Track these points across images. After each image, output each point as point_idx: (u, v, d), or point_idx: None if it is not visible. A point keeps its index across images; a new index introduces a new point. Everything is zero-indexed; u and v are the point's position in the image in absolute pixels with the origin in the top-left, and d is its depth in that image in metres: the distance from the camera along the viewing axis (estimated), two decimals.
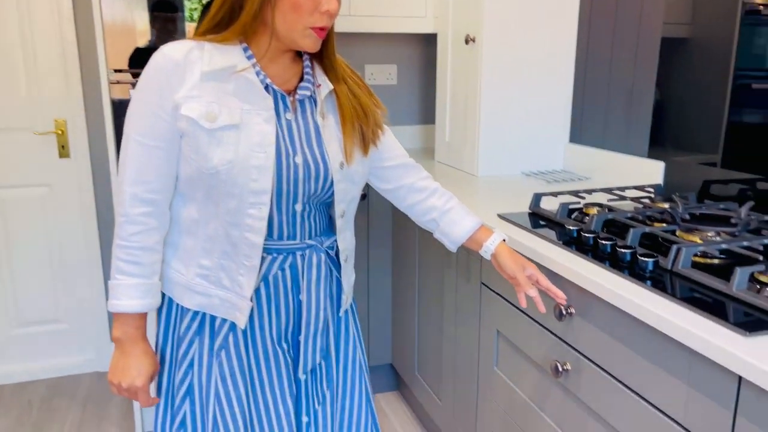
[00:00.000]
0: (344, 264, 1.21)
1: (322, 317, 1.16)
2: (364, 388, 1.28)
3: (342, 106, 1.13)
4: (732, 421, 0.88)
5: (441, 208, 1.28)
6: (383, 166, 1.26)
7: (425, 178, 1.30)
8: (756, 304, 0.96)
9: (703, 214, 1.34)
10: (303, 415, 1.19)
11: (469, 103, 2.10)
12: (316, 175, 1.09)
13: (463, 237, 1.27)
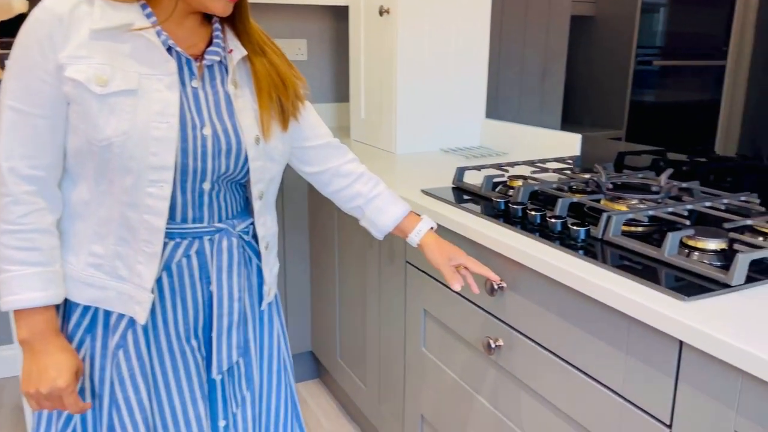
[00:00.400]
0: (265, 252, 1.10)
1: (237, 310, 1.05)
2: (288, 388, 1.18)
3: (257, 74, 1.02)
4: (674, 387, 0.86)
5: (367, 194, 1.20)
6: (305, 146, 1.16)
7: (351, 161, 1.21)
8: (688, 269, 0.96)
9: (624, 183, 1.34)
10: (220, 419, 1.08)
11: (384, 78, 2.03)
12: (228, 150, 0.98)
13: (390, 225, 1.20)
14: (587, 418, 1.02)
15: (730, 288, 0.89)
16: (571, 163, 1.63)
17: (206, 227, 1.01)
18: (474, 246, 1.26)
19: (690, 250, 1.02)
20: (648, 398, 0.91)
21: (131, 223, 0.94)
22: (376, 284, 1.71)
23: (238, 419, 1.09)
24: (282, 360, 1.17)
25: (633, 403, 0.94)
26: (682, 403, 0.85)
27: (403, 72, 1.97)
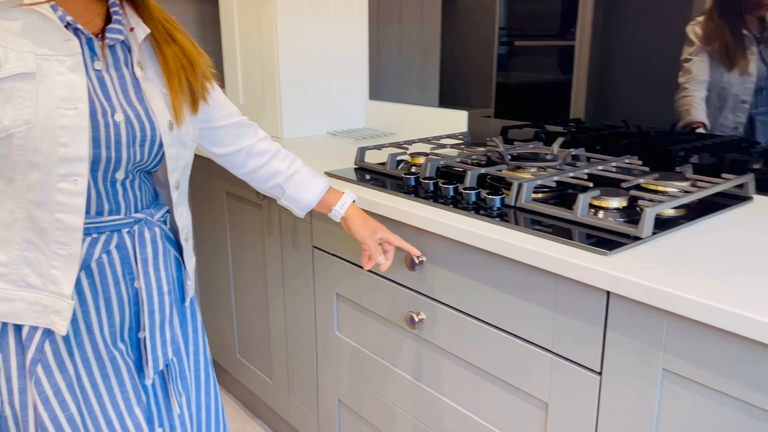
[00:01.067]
0: (185, 244, 1.03)
1: (168, 304, 0.97)
2: (214, 383, 1.12)
3: (165, 56, 0.94)
4: (602, 336, 0.93)
5: (286, 172, 1.16)
6: (216, 127, 1.09)
7: (264, 139, 1.16)
8: (601, 226, 1.03)
9: (520, 154, 1.41)
10: (156, 427, 0.99)
11: (266, 63, 1.96)
12: (142, 138, 0.89)
13: (313, 201, 1.18)
14: (519, 377, 1.07)
15: (641, 240, 0.97)
16: (462, 138, 1.69)
17: (124, 219, 0.92)
18: (390, 223, 1.26)
19: (596, 210, 1.10)
20: (578, 350, 0.97)
21: (40, 224, 0.83)
22: (279, 273, 1.66)
23: (176, 422, 1.01)
24: (207, 357, 1.10)
25: (563, 357, 0.99)
26: (611, 350, 0.92)
27: (285, 56, 1.91)
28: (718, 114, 1.33)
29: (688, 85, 1.35)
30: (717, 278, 0.83)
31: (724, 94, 1.30)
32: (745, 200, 1.19)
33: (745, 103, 1.28)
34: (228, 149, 1.11)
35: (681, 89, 1.36)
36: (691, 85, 1.34)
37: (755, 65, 1.26)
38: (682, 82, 1.36)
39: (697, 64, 1.33)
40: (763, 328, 0.72)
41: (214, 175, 1.86)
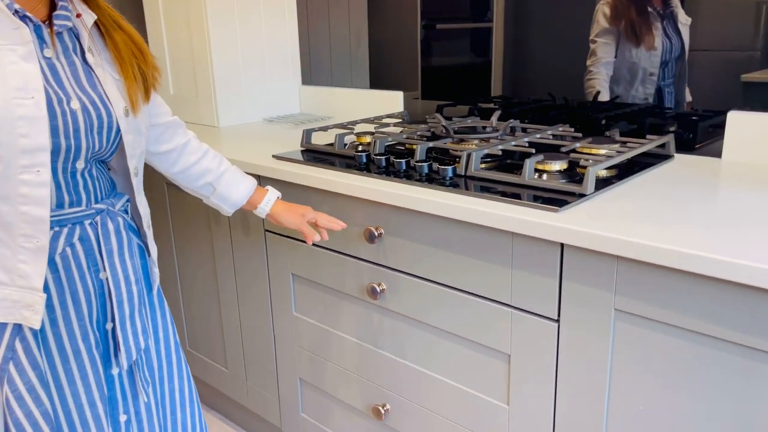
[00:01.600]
0: (148, 231, 1.03)
1: (137, 293, 0.97)
2: (186, 368, 1.13)
3: (115, 42, 0.94)
4: (558, 286, 1.01)
5: (216, 170, 1.20)
6: (157, 123, 1.10)
7: (194, 138, 1.19)
8: (547, 187, 1.11)
9: (461, 128, 1.48)
10: (120, 414, 0.99)
11: (197, 53, 1.94)
12: (100, 125, 0.89)
13: (243, 199, 1.23)
14: (481, 334, 1.14)
15: (586, 196, 1.06)
16: (402, 117, 1.74)
17: (86, 210, 0.91)
18: (346, 200, 1.30)
19: (540, 173, 1.18)
20: (536, 302, 1.05)
21: (4, 218, 0.81)
22: (229, 261, 1.66)
23: (141, 408, 1.01)
24: (177, 342, 1.10)
25: (523, 309, 1.07)
26: (567, 298, 1.00)
27: (216, 46, 1.90)
28: (630, 87, 1.45)
29: (593, 68, 1.47)
30: (657, 224, 0.93)
31: (633, 68, 1.43)
32: (667, 158, 1.31)
33: (653, 75, 1.41)
34: (165, 147, 1.13)
35: (587, 72, 1.48)
36: (596, 67, 1.46)
37: (660, 40, 1.38)
38: (588, 64, 1.48)
39: (601, 46, 1.45)
40: (702, 261, 0.82)
41: (151, 168, 1.82)
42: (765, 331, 0.81)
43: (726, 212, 0.97)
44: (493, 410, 1.16)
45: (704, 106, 1.34)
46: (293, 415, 1.63)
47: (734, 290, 0.83)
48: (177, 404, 1.09)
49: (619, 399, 0.99)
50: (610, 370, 0.98)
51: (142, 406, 1.02)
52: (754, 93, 1.27)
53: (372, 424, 1.43)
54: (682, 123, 1.37)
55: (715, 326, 0.85)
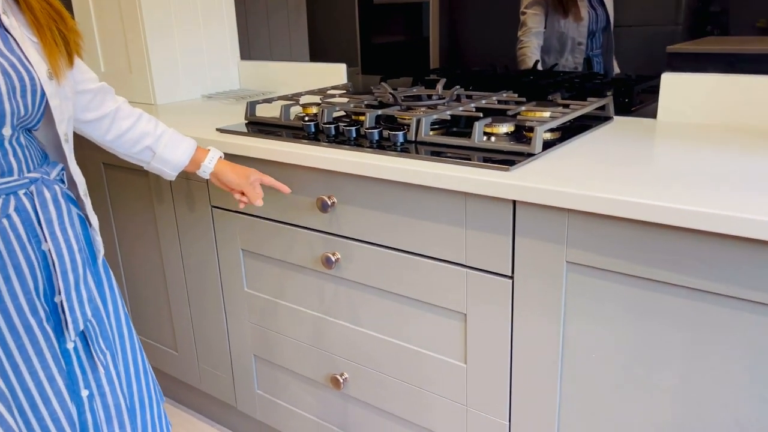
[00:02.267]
0: (86, 199, 0.99)
1: (80, 262, 0.93)
2: (137, 339, 1.10)
3: (31, 7, 0.90)
4: (511, 243, 1.04)
5: (153, 133, 1.16)
6: (84, 90, 1.06)
7: (126, 103, 1.15)
8: (496, 148, 1.13)
9: (408, 96, 1.48)
10: (82, 389, 0.96)
11: (128, 29, 1.86)
12: (22, 87, 0.85)
13: (185, 159, 1.19)
14: (437, 295, 1.16)
15: (534, 156, 1.09)
16: (346, 89, 1.73)
17: (18, 180, 0.87)
18: (297, 169, 1.29)
19: (489, 136, 1.21)
20: (490, 260, 1.07)
21: None
22: (175, 240, 1.62)
23: (103, 381, 0.98)
24: (126, 313, 1.07)
25: (477, 268, 1.10)
26: (520, 254, 1.03)
27: (150, 22, 1.83)
28: (560, 56, 1.49)
29: (524, 38, 1.51)
30: (603, 178, 0.96)
31: (563, 38, 1.47)
32: (607, 120, 1.36)
33: (582, 45, 1.46)
34: (95, 114, 1.09)
35: (518, 42, 1.52)
36: (526, 37, 1.50)
37: (586, 11, 1.43)
38: (519, 35, 1.52)
39: (531, 17, 1.49)
40: (648, 209, 0.86)
41: (86, 147, 1.75)
42: (710, 273, 0.86)
43: (665, 166, 1.02)
44: (452, 370, 1.19)
45: (635, 74, 1.40)
46: (249, 392, 1.62)
47: (679, 236, 0.87)
48: (132, 377, 1.06)
49: (572, 349, 1.03)
50: (564, 322, 1.02)
51: (103, 379, 0.99)
52: (679, 63, 1.34)
53: (330, 394, 1.43)
54: (618, 88, 1.42)
55: (663, 271, 0.89)
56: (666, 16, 1.34)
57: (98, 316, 1.00)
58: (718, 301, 0.87)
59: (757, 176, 0.94)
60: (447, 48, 1.66)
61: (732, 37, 1.28)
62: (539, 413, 1.09)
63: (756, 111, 1.25)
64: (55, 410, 0.91)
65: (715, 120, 1.30)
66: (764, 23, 1.24)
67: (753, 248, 0.82)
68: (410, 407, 1.28)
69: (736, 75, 1.26)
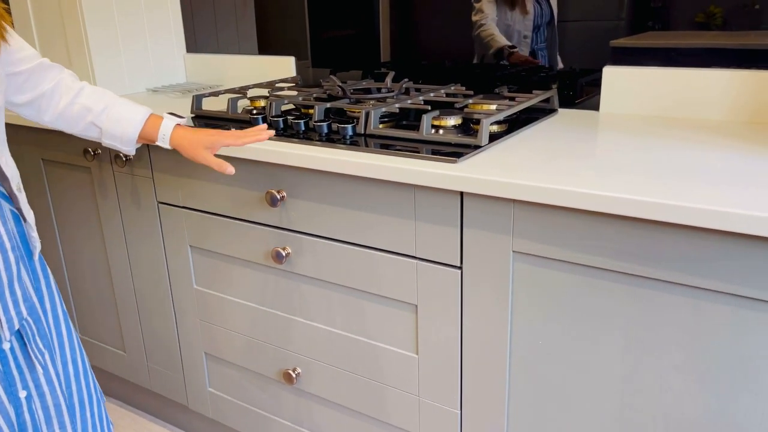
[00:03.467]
0: (19, 194, 0.96)
1: (13, 260, 0.90)
2: (76, 337, 1.07)
3: None
4: (460, 234, 1.05)
5: (95, 108, 1.09)
6: (17, 72, 1.01)
7: (70, 76, 1.09)
8: (444, 141, 1.14)
9: (357, 89, 1.48)
10: (19, 390, 0.92)
11: (67, 21, 1.79)
12: None
13: (135, 132, 1.11)
14: (388, 287, 1.16)
15: (481, 148, 1.10)
16: (295, 82, 1.72)
17: None
18: (244, 163, 1.27)
19: (437, 129, 1.21)
20: (439, 251, 1.08)
21: None
22: (120, 237, 1.58)
23: (41, 382, 0.95)
24: (64, 310, 1.04)
25: (427, 260, 1.11)
26: (468, 245, 1.04)
27: (90, 14, 1.77)
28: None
29: (483, 21, 1.52)
30: (548, 168, 0.99)
31: (509, 30, 1.50)
32: (552, 112, 1.39)
33: (527, 38, 1.48)
34: (29, 95, 1.04)
35: (477, 26, 1.53)
36: (486, 20, 1.52)
37: (531, 5, 1.46)
38: (477, 20, 1.53)
39: (486, 4, 1.51)
40: (592, 199, 0.88)
41: (23, 143, 1.68)
42: (651, 260, 0.89)
43: (607, 157, 1.05)
44: (403, 361, 1.20)
45: (579, 68, 1.43)
46: (200, 390, 1.59)
47: (621, 224, 0.90)
48: (71, 376, 1.03)
49: (520, 336, 1.05)
50: (511, 310, 1.04)
51: (41, 379, 0.96)
52: (622, 56, 1.38)
53: (283, 390, 1.42)
54: (562, 81, 1.45)
55: (606, 259, 0.92)
56: (609, 11, 1.37)
57: (35, 315, 0.96)
58: (661, 287, 0.90)
59: (693, 166, 0.97)
60: (397, 41, 1.67)
61: (672, 32, 1.32)
62: (489, 401, 1.11)
63: (693, 103, 1.30)
64: None
65: (654, 112, 1.35)
66: (703, 18, 1.29)
67: (692, 235, 0.85)
68: (363, 399, 1.29)
69: (675, 68, 1.31)
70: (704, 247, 0.84)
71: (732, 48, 1.26)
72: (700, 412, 0.92)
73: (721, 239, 0.83)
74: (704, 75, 1.27)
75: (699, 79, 1.28)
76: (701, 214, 0.81)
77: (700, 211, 0.81)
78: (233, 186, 1.30)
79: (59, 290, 1.06)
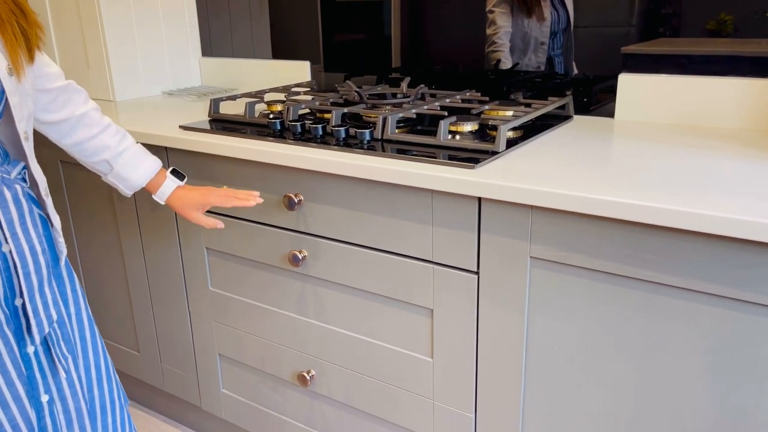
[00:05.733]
0: (47, 199, 0.97)
1: (44, 264, 0.91)
2: (101, 341, 1.08)
3: None
4: (477, 239, 1.06)
5: (115, 148, 1.14)
6: (47, 89, 1.03)
7: (95, 110, 1.13)
8: (461, 146, 1.15)
9: (373, 94, 1.49)
10: (42, 394, 0.94)
11: (86, 24, 1.81)
12: None
13: (142, 182, 1.18)
14: (404, 292, 1.17)
15: (498, 154, 1.11)
16: (311, 87, 1.73)
17: None
18: (262, 168, 1.28)
19: (454, 134, 1.22)
20: (456, 256, 1.09)
21: None
22: (137, 239, 1.59)
23: (64, 386, 0.96)
24: (90, 315, 1.05)
25: (443, 264, 1.11)
26: (485, 250, 1.05)
27: (108, 17, 1.79)
28: (523, 55, 1.52)
29: (496, 39, 1.54)
30: (566, 175, 0.99)
31: (526, 38, 1.50)
32: (567, 119, 1.40)
33: (544, 45, 1.49)
34: (56, 116, 1.07)
35: (490, 42, 1.54)
36: (499, 38, 1.53)
37: (549, 12, 1.47)
38: (490, 33, 1.54)
39: (500, 15, 1.52)
40: (608, 205, 0.89)
41: (41, 144, 1.70)
42: (667, 266, 0.89)
43: (624, 163, 1.05)
44: (418, 364, 1.20)
45: (592, 74, 1.44)
46: (214, 392, 1.61)
47: (638, 231, 0.90)
48: (93, 380, 1.04)
49: (536, 342, 1.06)
50: (528, 316, 1.05)
51: (63, 384, 0.97)
52: (633, 63, 1.39)
53: (297, 392, 1.43)
54: (577, 88, 1.46)
55: (623, 265, 0.93)
56: (620, 17, 1.38)
57: (60, 320, 0.98)
58: (676, 294, 0.90)
59: (710, 174, 0.98)
60: (409, 46, 1.68)
61: (683, 39, 1.33)
62: (504, 405, 1.12)
63: (709, 111, 1.31)
64: (14, 416, 0.89)
65: (670, 119, 1.35)
66: (714, 25, 1.29)
67: (710, 242, 0.85)
68: (377, 403, 1.29)
69: (691, 76, 1.31)
70: (722, 254, 0.85)
71: (745, 56, 1.27)
72: (716, 420, 0.92)
73: (738, 247, 0.83)
74: (720, 83, 1.28)
75: (715, 87, 1.29)
76: (718, 221, 0.81)
77: (718, 218, 0.81)
78: (250, 189, 1.31)
79: (85, 294, 1.07)
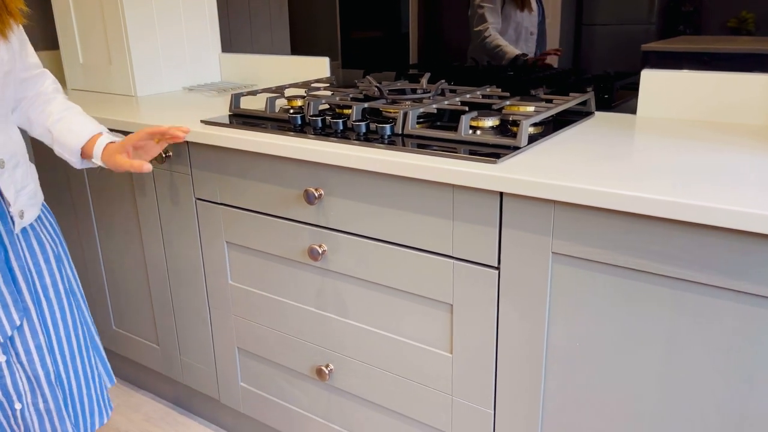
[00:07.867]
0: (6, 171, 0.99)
1: None
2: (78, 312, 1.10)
3: None
4: (498, 234, 1.05)
5: (56, 115, 1.12)
6: (25, 77, 1.07)
7: (52, 85, 1.14)
8: (482, 142, 1.15)
9: (393, 90, 1.49)
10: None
11: (108, 20, 1.83)
12: None
13: (80, 143, 1.12)
14: (424, 286, 1.17)
15: (520, 149, 1.11)
16: (330, 82, 1.74)
17: None
18: (283, 162, 1.29)
19: (475, 129, 1.22)
20: (477, 251, 1.09)
21: None
22: (157, 232, 1.61)
23: (18, 346, 0.99)
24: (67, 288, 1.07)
25: (464, 259, 1.11)
26: (507, 245, 1.05)
27: (131, 13, 1.81)
28: (515, 44, 1.53)
29: (487, 33, 1.54)
30: (588, 170, 0.99)
31: (518, 28, 1.51)
32: (588, 115, 1.39)
33: (533, 34, 1.50)
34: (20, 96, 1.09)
35: (481, 37, 1.55)
36: (489, 32, 1.54)
37: (535, 3, 1.47)
38: (480, 30, 1.55)
39: (489, 11, 1.53)
40: (631, 200, 0.88)
41: None
42: (692, 263, 0.89)
43: (647, 159, 1.04)
44: (437, 359, 1.20)
45: (612, 71, 1.43)
46: (232, 385, 1.62)
47: (662, 226, 0.90)
48: (66, 352, 1.06)
49: (557, 338, 1.05)
50: (549, 312, 1.04)
51: (17, 339, 1.00)
52: (654, 60, 1.38)
53: (315, 386, 1.44)
54: (597, 84, 1.45)
55: (646, 261, 0.92)
56: (640, 15, 1.37)
57: (16, 284, 1.00)
58: (701, 290, 0.89)
59: (735, 169, 0.97)
60: (426, 42, 1.68)
61: (704, 36, 1.32)
62: (524, 402, 1.12)
63: (731, 107, 1.29)
64: None
65: (693, 115, 1.34)
66: (735, 23, 1.28)
67: (734, 238, 0.84)
68: (396, 397, 1.29)
69: (713, 72, 1.30)
70: (748, 251, 0.84)
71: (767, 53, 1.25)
72: (741, 419, 0.91)
73: (766, 243, 0.82)
74: (743, 79, 1.26)
75: (737, 83, 1.27)
76: (746, 217, 0.80)
77: (743, 214, 0.80)
78: (270, 183, 1.32)
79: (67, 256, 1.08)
